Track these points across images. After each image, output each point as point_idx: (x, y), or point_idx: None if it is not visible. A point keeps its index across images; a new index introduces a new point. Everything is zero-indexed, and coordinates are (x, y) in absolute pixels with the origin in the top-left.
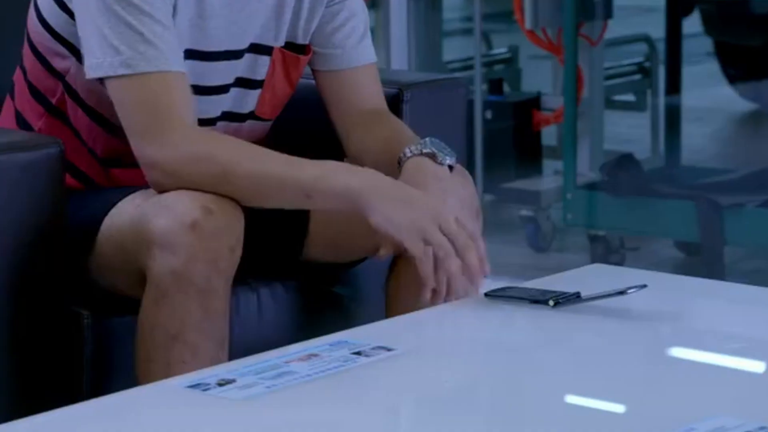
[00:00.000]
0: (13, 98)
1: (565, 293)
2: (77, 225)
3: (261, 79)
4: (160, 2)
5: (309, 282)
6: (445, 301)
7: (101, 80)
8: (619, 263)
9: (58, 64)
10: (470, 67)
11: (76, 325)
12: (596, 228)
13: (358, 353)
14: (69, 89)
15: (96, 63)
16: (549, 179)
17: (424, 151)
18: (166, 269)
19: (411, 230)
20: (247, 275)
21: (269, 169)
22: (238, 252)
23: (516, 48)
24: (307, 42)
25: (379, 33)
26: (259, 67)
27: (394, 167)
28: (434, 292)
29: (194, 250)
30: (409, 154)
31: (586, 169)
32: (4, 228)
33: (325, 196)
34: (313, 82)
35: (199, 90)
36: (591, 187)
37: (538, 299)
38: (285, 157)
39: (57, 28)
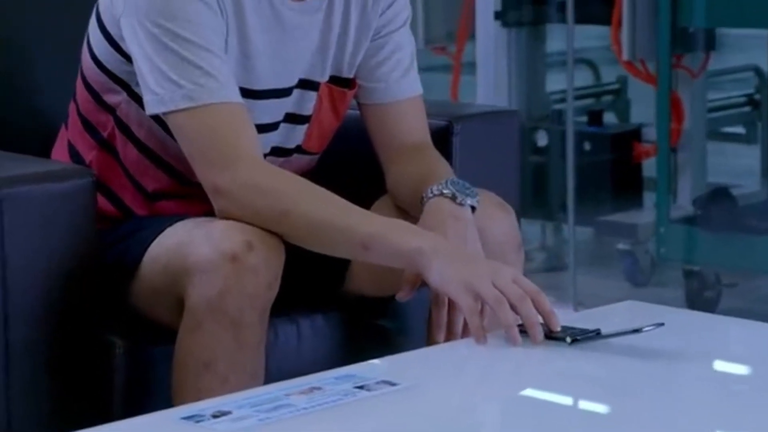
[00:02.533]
0: (67, 128)
1: (585, 330)
2: (120, 253)
3: (308, 114)
4: (214, 37)
5: (352, 314)
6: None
7: (158, 116)
8: (715, 299)
9: (110, 98)
10: (575, 99)
11: (109, 354)
12: (690, 263)
13: (361, 387)
14: (120, 123)
15: (156, 99)
16: (648, 212)
17: (444, 191)
18: (203, 298)
19: (461, 284)
20: (287, 306)
21: (329, 216)
22: (275, 288)
23: (625, 79)
24: (352, 76)
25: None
26: (307, 102)
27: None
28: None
29: (231, 283)
30: (430, 195)
31: (688, 203)
32: (35, 257)
33: (381, 252)
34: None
35: None
36: (686, 221)
37: (557, 336)
38: (347, 205)
39: (109, 66)
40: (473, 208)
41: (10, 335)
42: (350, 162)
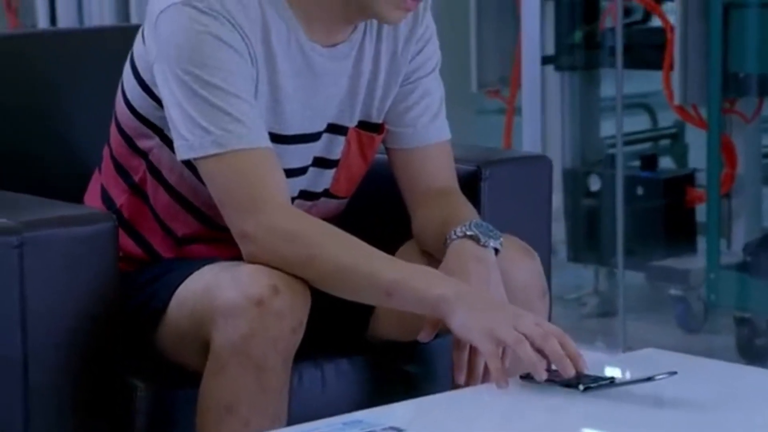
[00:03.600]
0: (100, 172)
1: (599, 377)
2: (147, 297)
3: (336, 158)
4: (243, 83)
5: (377, 359)
6: None
7: (189, 161)
8: (766, 347)
9: (143, 143)
10: (631, 143)
11: (131, 396)
12: (741, 310)
13: None
14: (152, 168)
15: (186, 144)
16: (701, 258)
17: (468, 233)
18: (227, 341)
19: (482, 330)
20: (312, 350)
21: (354, 262)
22: (300, 333)
23: (682, 123)
24: (381, 121)
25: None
26: (335, 146)
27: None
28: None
29: (255, 327)
30: (453, 237)
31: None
32: (56, 300)
33: (404, 298)
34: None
35: None
36: (737, 267)
37: (570, 383)
38: (371, 251)
39: (142, 111)
40: (497, 251)
41: (30, 378)
42: (377, 206)
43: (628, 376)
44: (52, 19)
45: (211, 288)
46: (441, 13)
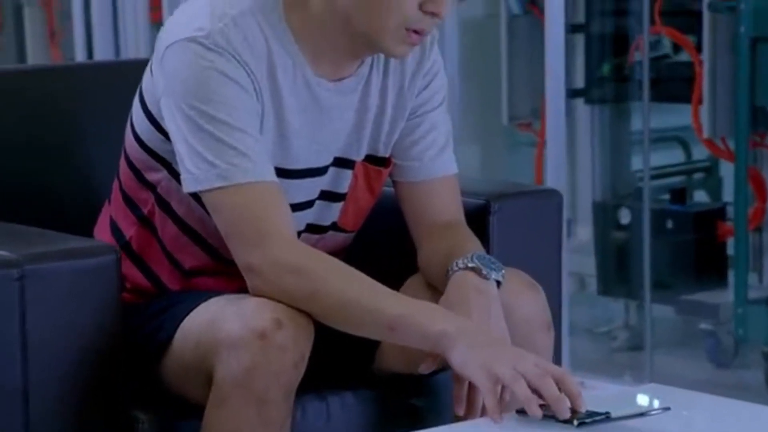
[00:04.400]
0: (110, 204)
1: (594, 413)
2: (154, 329)
3: (344, 192)
4: (248, 118)
5: (383, 392)
6: None
7: (196, 194)
8: None
9: (151, 176)
10: (664, 176)
11: (133, 428)
12: None
13: None
14: (160, 200)
15: (192, 178)
16: (732, 292)
17: (470, 265)
18: (229, 374)
19: (481, 367)
20: (317, 384)
21: (357, 296)
22: (302, 368)
23: (716, 156)
24: (387, 154)
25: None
26: (342, 180)
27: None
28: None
29: (257, 360)
30: (455, 269)
31: None
32: (57, 333)
33: (407, 333)
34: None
35: None
36: (765, 302)
37: (566, 418)
38: (374, 285)
39: (150, 144)
40: (499, 284)
41: (31, 411)
42: (385, 239)
43: (625, 411)
44: (89, 51)
45: (216, 321)
46: (472, 45)
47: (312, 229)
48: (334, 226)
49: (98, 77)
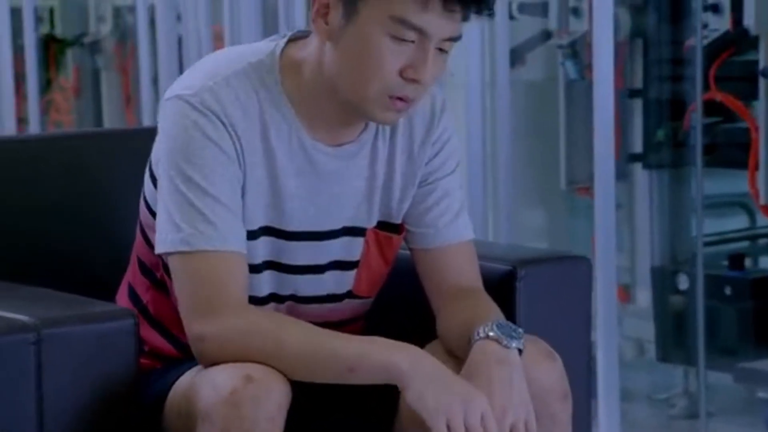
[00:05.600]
0: (129, 270)
1: None
2: (157, 395)
3: (356, 259)
4: (223, 183)
5: None
6: None
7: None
8: None
9: None
10: (725, 242)
11: None
12: None
13: None
14: (166, 265)
15: (161, 239)
16: None
17: (490, 334)
18: None
19: (437, 411)
20: None
21: (315, 344)
22: (279, 421)
23: None
24: (400, 221)
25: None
26: (354, 248)
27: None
28: None
29: (230, 420)
30: (476, 338)
31: None
32: (73, 397)
33: (367, 371)
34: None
35: (283, 268)
36: None
37: None
38: (329, 332)
39: (154, 207)
40: (520, 351)
41: None
42: (403, 304)
43: None
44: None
45: (191, 389)
46: (530, 107)
47: (330, 298)
48: (350, 294)
49: (128, 142)
